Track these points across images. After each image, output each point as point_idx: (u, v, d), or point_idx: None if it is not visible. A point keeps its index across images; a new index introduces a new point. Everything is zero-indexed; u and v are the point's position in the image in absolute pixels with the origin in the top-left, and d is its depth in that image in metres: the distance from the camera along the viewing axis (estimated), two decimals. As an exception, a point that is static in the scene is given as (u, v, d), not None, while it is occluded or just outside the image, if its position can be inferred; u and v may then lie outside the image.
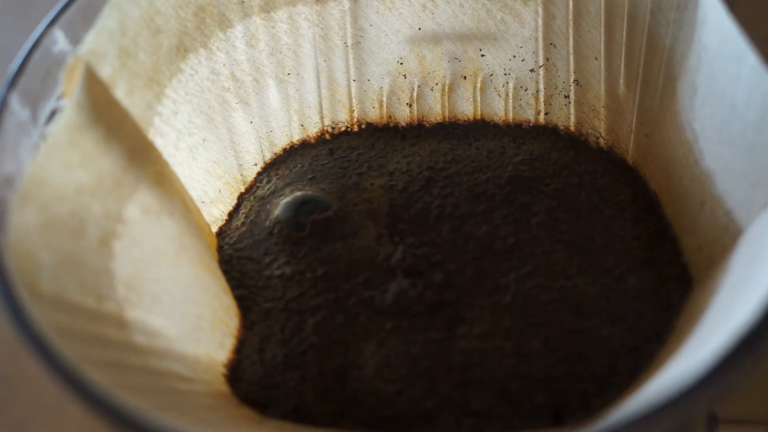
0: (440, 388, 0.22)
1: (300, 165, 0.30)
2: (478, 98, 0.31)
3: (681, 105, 0.25)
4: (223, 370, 0.23)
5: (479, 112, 0.32)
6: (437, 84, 0.31)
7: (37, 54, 0.22)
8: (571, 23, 0.29)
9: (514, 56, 0.30)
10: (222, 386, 0.23)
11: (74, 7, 0.23)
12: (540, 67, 0.30)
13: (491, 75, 0.31)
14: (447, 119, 0.32)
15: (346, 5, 0.30)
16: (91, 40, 0.22)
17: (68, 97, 0.21)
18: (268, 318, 0.25)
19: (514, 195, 0.27)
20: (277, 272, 0.26)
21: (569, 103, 0.30)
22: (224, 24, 0.28)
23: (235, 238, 0.28)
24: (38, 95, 0.21)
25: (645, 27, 0.27)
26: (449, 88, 0.31)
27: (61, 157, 0.19)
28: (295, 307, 0.25)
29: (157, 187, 0.23)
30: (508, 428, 0.21)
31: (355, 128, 0.32)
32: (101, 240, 0.20)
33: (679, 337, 0.21)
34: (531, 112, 0.31)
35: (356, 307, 0.24)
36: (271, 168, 0.31)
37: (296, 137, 0.32)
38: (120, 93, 0.23)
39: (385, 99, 0.32)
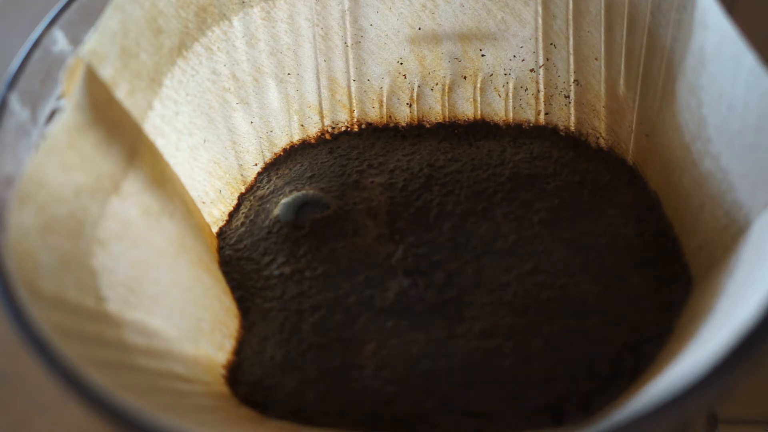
0: (440, 389, 0.22)
1: (300, 164, 0.30)
2: (478, 98, 0.31)
3: (680, 106, 0.25)
4: (222, 371, 0.23)
5: (479, 112, 0.32)
6: (437, 84, 0.31)
7: (37, 54, 0.22)
8: (571, 23, 0.29)
9: (514, 56, 0.30)
10: (221, 387, 0.23)
11: (74, 7, 0.23)
12: (540, 67, 0.30)
13: (491, 75, 0.31)
14: (447, 119, 0.32)
15: (346, 5, 0.30)
16: (93, 40, 0.22)
17: (68, 98, 0.21)
18: (267, 318, 0.25)
19: (515, 192, 0.27)
20: (276, 272, 0.26)
21: (569, 103, 0.30)
22: (225, 24, 0.28)
23: (234, 239, 0.28)
24: (38, 95, 0.21)
25: (645, 27, 0.27)
26: (449, 88, 0.31)
27: (60, 159, 0.19)
28: (294, 306, 0.25)
29: (158, 189, 0.23)
30: (509, 428, 0.21)
31: (355, 128, 0.32)
32: (100, 241, 0.20)
33: (680, 337, 0.21)
34: (531, 112, 0.31)
35: (356, 307, 0.24)
36: (271, 168, 0.31)
37: (296, 137, 0.32)
38: (121, 94, 0.23)
39: (385, 99, 0.32)
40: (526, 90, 0.31)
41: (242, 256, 0.27)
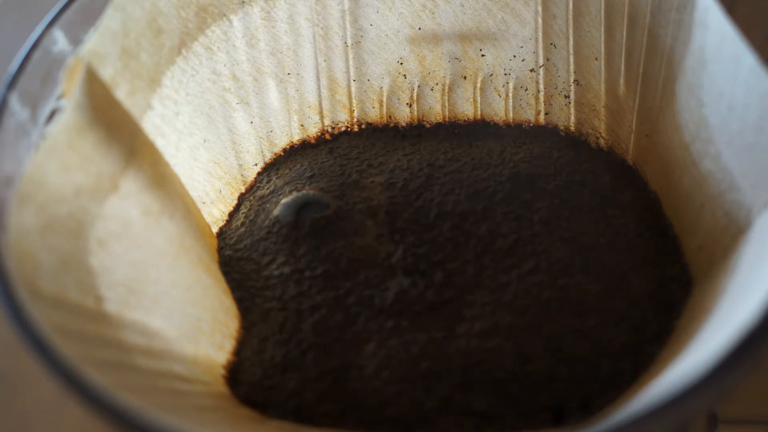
0: (441, 389, 0.22)
1: (300, 164, 0.30)
2: (478, 98, 0.31)
3: (680, 106, 0.25)
4: (222, 371, 0.23)
5: (479, 112, 0.32)
6: (437, 84, 0.31)
7: (37, 54, 0.22)
8: (571, 23, 0.29)
9: (514, 56, 0.30)
10: (221, 387, 0.23)
11: (74, 7, 0.23)
12: (540, 67, 0.30)
13: (491, 75, 0.31)
14: (447, 119, 0.32)
15: (346, 5, 0.30)
16: (93, 40, 0.22)
17: (68, 98, 0.21)
18: (267, 319, 0.25)
19: (515, 192, 0.27)
20: (276, 272, 0.26)
21: (569, 103, 0.30)
22: (225, 24, 0.28)
23: (234, 239, 0.28)
24: (38, 95, 0.21)
25: (645, 27, 0.27)
26: (449, 88, 0.31)
27: (60, 159, 0.19)
28: (293, 306, 0.25)
29: (158, 189, 0.23)
30: (509, 428, 0.21)
31: (356, 128, 0.32)
32: (100, 241, 0.20)
33: (680, 337, 0.21)
34: (531, 112, 0.31)
35: (356, 306, 0.24)
36: (271, 168, 0.31)
37: (296, 137, 0.32)
38: (122, 94, 0.23)
39: (385, 99, 0.32)
40: (526, 90, 0.31)
41: (242, 256, 0.27)
